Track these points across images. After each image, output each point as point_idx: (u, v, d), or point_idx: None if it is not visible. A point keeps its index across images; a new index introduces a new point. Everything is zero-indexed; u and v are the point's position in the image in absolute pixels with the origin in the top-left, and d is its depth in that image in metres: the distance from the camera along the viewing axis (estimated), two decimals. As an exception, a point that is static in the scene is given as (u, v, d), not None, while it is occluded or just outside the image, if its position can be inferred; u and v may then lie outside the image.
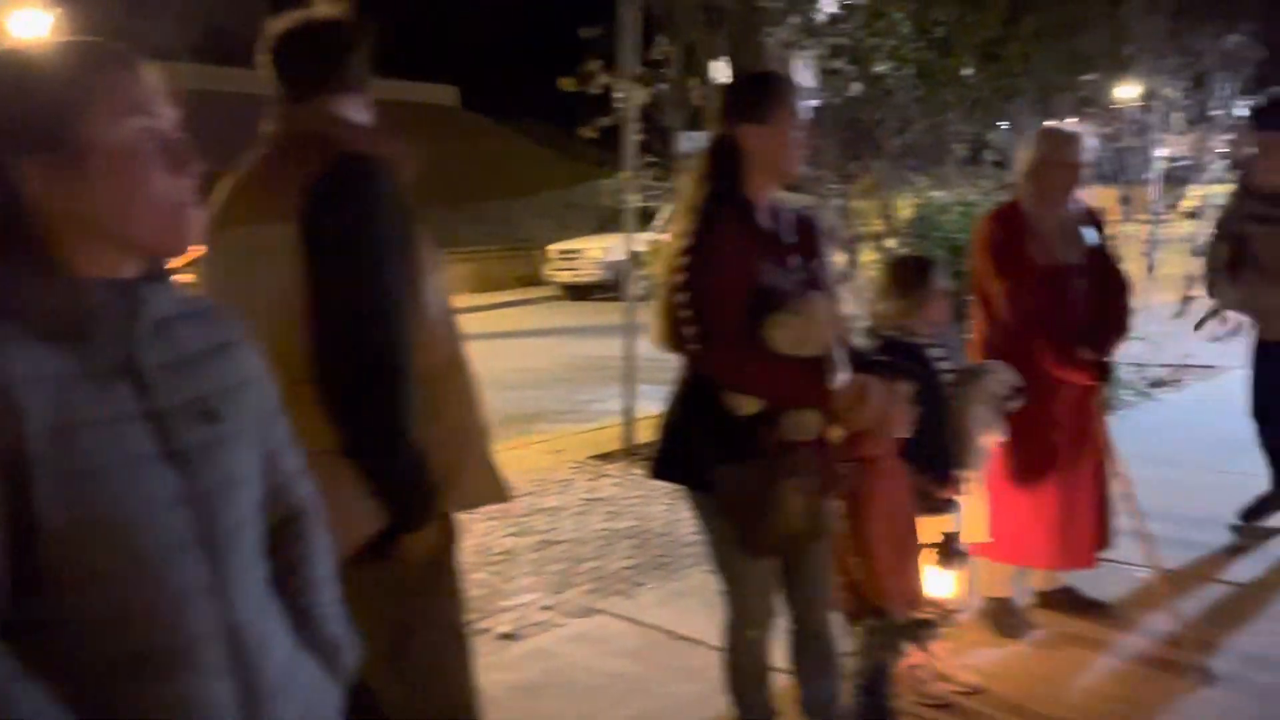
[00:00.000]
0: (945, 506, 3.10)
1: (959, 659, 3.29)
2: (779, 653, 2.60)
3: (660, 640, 3.65)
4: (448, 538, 1.85)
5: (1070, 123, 6.92)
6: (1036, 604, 3.72)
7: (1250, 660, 3.24)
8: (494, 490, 1.91)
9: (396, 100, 16.01)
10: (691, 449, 2.32)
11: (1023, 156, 3.51)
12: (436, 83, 24.97)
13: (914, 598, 2.63)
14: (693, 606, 3.71)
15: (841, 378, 2.14)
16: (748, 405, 2.20)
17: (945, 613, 3.02)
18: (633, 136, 5.86)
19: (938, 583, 3.02)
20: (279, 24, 1.81)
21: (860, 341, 3.21)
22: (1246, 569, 3.94)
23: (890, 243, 6.31)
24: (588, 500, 5.40)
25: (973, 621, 3.59)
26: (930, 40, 9.07)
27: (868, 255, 6.09)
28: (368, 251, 1.63)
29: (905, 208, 6.70)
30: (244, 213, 1.73)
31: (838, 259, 6.10)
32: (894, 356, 2.93)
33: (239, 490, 1.17)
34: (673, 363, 2.46)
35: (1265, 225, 4.16)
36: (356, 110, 1.82)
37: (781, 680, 2.64)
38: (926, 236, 6.36)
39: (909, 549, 2.54)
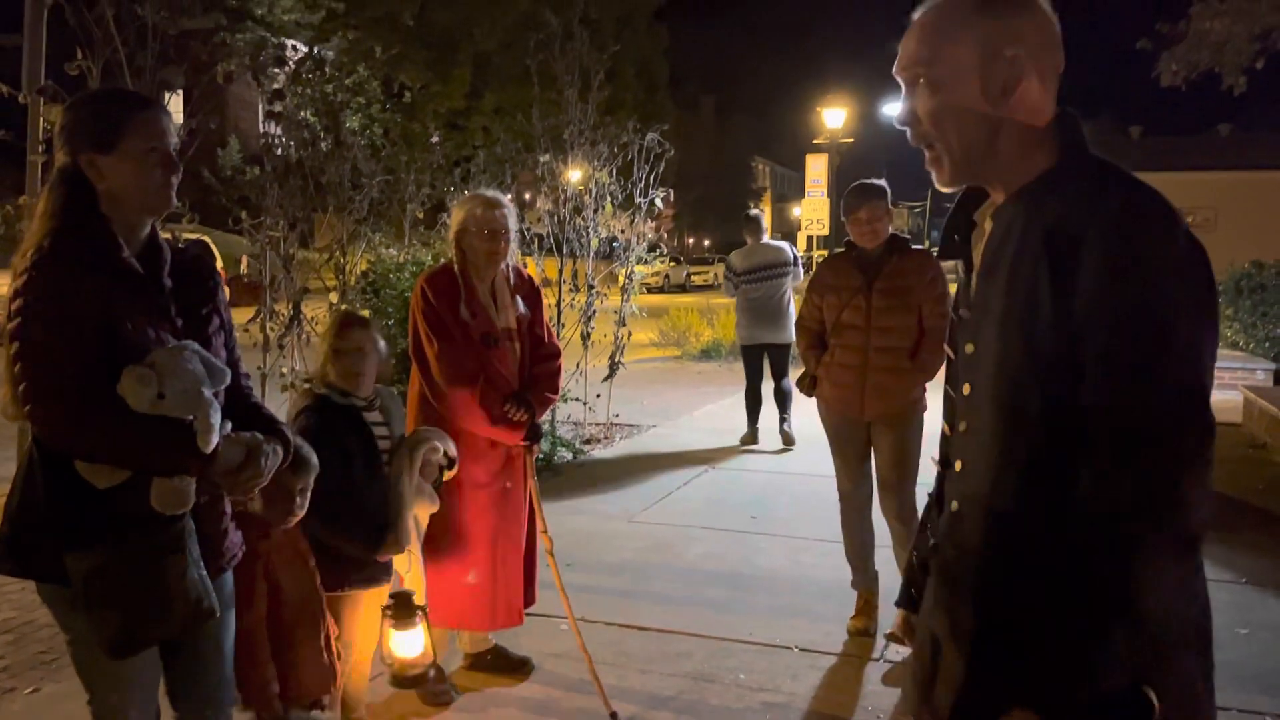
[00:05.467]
0: (379, 576, 3.00)
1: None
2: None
3: (27, 759, 3.03)
4: None
5: (514, 197, 7.36)
6: (465, 666, 3.72)
7: (649, 700, 3.51)
8: None
9: None
10: (37, 533, 1.90)
11: (453, 221, 3.55)
12: None
13: (308, 691, 2.41)
14: (77, 712, 3.12)
15: (218, 439, 1.88)
16: (106, 476, 1.85)
17: (421, 673, 2.94)
18: (38, 158, 5.01)
19: (404, 644, 2.92)
20: None
21: (299, 399, 2.99)
22: (646, 614, 4.31)
23: (333, 298, 6.13)
24: (-50, 591, 4.41)
25: (400, 692, 3.48)
26: (399, 104, 9.11)
27: (313, 310, 5.84)
28: None
29: (359, 264, 6.58)
30: None
31: (282, 310, 5.78)
32: (324, 417, 2.78)
33: None
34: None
35: None
36: None
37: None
38: (379, 294, 6.28)
39: (296, 637, 2.32)
